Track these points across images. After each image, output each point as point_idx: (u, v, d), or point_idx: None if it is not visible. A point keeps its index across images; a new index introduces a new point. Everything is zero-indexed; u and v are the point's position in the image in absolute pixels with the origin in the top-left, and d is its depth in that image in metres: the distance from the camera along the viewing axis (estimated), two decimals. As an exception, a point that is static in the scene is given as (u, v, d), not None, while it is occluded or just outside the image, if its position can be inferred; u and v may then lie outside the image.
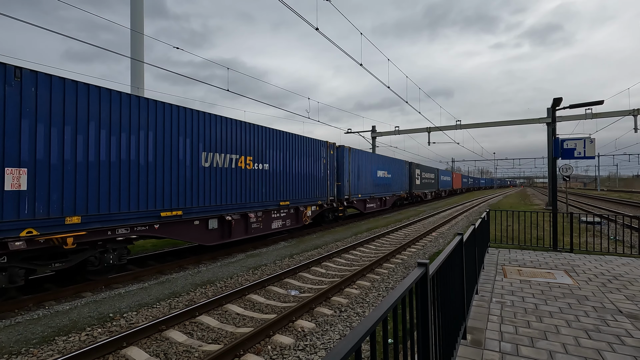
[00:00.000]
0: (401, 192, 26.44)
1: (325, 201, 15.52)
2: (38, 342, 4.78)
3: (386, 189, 23.22)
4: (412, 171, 29.47)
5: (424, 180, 33.29)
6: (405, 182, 27.63)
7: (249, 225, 10.96)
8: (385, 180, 23.02)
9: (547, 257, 7.94)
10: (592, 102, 9.10)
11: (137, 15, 15.09)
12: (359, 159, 18.95)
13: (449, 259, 2.81)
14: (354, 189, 18.17)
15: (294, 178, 13.26)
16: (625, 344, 3.71)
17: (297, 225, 13.50)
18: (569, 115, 24.52)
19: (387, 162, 23.66)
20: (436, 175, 39.71)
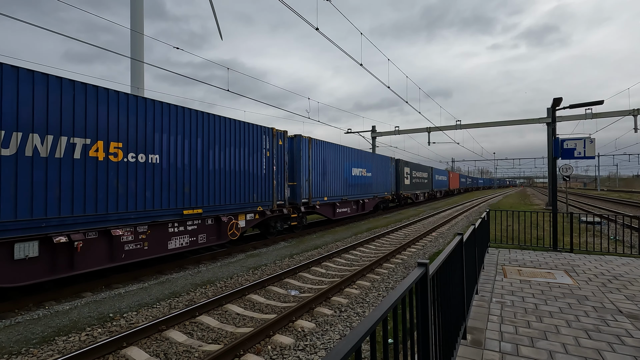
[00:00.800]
0: (385, 193, 23.01)
1: (270, 207, 12.01)
2: (38, 342, 4.78)
3: (365, 190, 19.85)
4: (400, 169, 26.03)
5: (415, 180, 29.91)
6: (391, 182, 24.13)
7: (116, 247, 7.41)
8: (363, 179, 19.65)
9: (547, 257, 7.94)
10: (592, 102, 9.10)
11: (137, 15, 15.09)
12: (325, 154, 15.68)
13: (449, 259, 2.81)
14: (317, 190, 14.96)
15: (211, 176, 9.69)
16: (625, 344, 3.71)
17: (220, 240, 10.01)
18: (569, 115, 24.52)
19: (365, 159, 20.03)
20: (430, 174, 36.39)
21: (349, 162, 18.03)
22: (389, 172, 23.86)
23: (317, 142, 14.97)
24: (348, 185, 17.83)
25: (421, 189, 32.35)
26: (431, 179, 36.76)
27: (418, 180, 31.18)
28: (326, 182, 15.70)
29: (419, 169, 31.90)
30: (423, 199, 33.52)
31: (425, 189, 33.78)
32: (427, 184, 34.96)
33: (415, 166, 30.51)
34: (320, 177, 15.27)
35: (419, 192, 31.59)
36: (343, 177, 17.30)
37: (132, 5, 15.01)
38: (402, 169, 26.57)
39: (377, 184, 21.60)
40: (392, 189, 24.65)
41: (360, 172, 19.35)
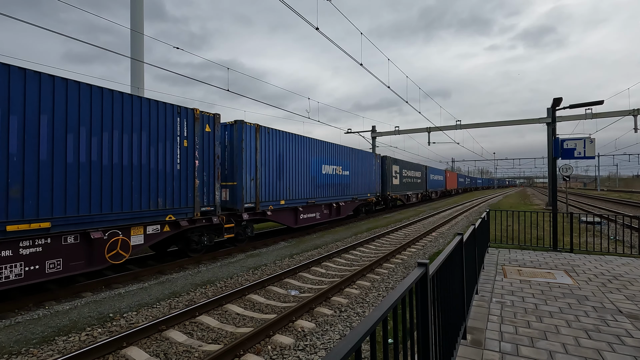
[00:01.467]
0: (368, 195, 20.16)
1: (191, 215, 9.02)
2: (38, 342, 4.78)
3: (340, 192, 16.93)
4: (387, 168, 23.12)
5: (406, 180, 27.37)
6: (375, 182, 21.28)
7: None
8: (338, 179, 16.75)
9: (547, 257, 7.94)
10: (592, 102, 9.10)
11: (137, 15, 15.09)
12: (283, 146, 12.77)
13: (449, 259, 2.81)
14: (270, 192, 12.15)
15: (73, 172, 6.64)
16: (625, 344, 3.71)
17: (92, 267, 7.01)
18: (569, 115, 24.53)
19: (341, 154, 17.19)
20: (424, 173, 33.40)
21: (318, 158, 15.21)
22: (372, 171, 20.95)
23: (270, 132, 12.09)
24: (316, 186, 14.94)
25: (413, 189, 29.62)
26: (425, 179, 34.07)
27: (410, 180, 28.55)
28: (284, 182, 12.89)
29: (411, 167, 29.24)
30: (416, 200, 30.64)
31: (418, 190, 31.07)
32: (421, 184, 32.20)
33: (407, 164, 27.89)
34: (275, 176, 12.39)
35: (411, 193, 28.81)
36: (310, 176, 14.45)
37: (132, 5, 15.02)
38: (390, 167, 23.67)
39: (356, 184, 18.72)
40: (377, 189, 21.76)
41: (334, 170, 16.38)
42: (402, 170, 26.69)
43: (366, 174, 20.15)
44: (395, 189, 25.01)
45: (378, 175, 22.03)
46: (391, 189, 23.95)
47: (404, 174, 27.19)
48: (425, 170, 33.96)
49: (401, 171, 26.38)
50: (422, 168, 32.97)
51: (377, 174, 21.92)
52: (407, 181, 28.03)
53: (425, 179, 33.84)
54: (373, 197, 21.04)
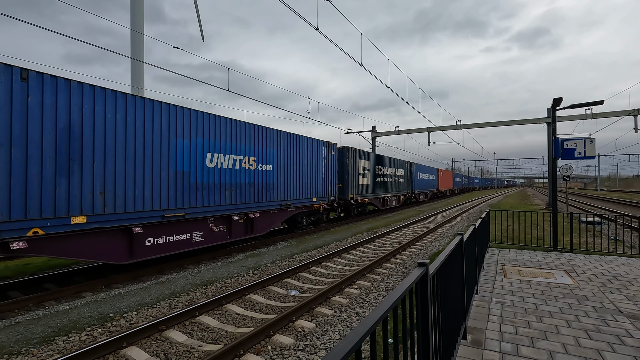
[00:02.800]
0: (314, 199, 14.60)
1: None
2: (38, 342, 4.78)
3: (256, 196, 11.35)
4: (350, 163, 17.92)
5: (381, 180, 22.35)
6: (327, 182, 15.67)
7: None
8: (248, 176, 11.05)
9: (547, 257, 7.94)
10: (592, 102, 9.10)
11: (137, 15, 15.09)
12: (116, 115, 7.39)
13: (449, 259, 2.81)
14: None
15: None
16: (625, 344, 3.71)
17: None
18: (569, 116, 24.53)
19: (256, 139, 11.43)
20: (408, 171, 28.40)
21: (204, 142, 9.48)
22: (322, 167, 15.24)
23: (97, 91, 7.05)
24: (187, 188, 8.99)
25: (393, 190, 24.58)
26: (410, 178, 29.14)
27: (387, 180, 23.48)
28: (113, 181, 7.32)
29: (389, 164, 24.06)
30: (396, 204, 25.61)
31: (399, 191, 26.09)
32: (404, 184, 27.20)
33: (382, 160, 22.77)
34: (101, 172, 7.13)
35: (389, 195, 23.62)
36: (168, 172, 8.49)
37: (132, 5, 15.02)
38: (354, 162, 18.44)
39: (290, 184, 13.07)
40: (331, 192, 16.07)
41: (241, 162, 10.70)
42: (375, 167, 21.40)
43: (310, 171, 14.36)
44: (364, 191, 19.57)
45: (332, 173, 16.19)
46: (356, 190, 18.44)
47: (378, 171, 21.96)
48: (410, 168, 29.09)
49: (373, 168, 21.04)
50: (406, 165, 28.07)
51: (331, 170, 16.09)
52: (384, 181, 22.87)
53: (410, 178, 29.05)
54: (323, 202, 15.29)
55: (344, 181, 17.85)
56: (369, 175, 20.55)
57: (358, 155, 19.11)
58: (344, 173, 17.90)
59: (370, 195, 20.65)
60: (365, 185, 20.00)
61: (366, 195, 20.04)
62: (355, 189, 18.49)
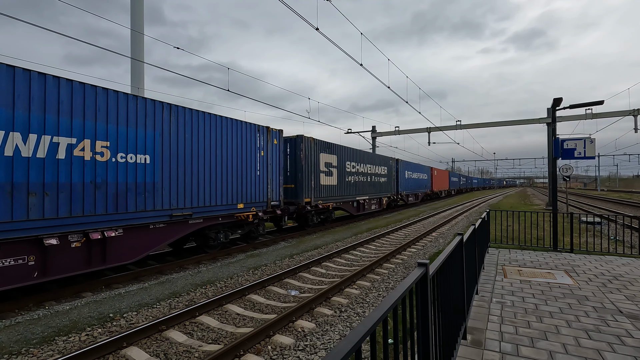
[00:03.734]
0: (240, 205, 10.70)
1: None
2: (38, 342, 4.78)
3: (125, 201, 7.56)
4: (309, 157, 14.29)
5: (355, 179, 18.44)
6: (266, 181, 11.78)
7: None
8: (111, 173, 7.34)
9: (547, 257, 7.94)
10: (592, 102, 9.11)
11: (137, 15, 15.10)
12: None
13: (449, 259, 2.81)
14: None
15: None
16: (625, 344, 3.71)
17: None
18: (569, 116, 24.54)
19: (127, 112, 7.63)
20: (392, 169, 24.51)
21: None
22: (255, 160, 11.36)
23: None
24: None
25: (372, 192, 20.66)
26: (396, 177, 25.39)
27: (364, 179, 19.66)
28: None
29: (366, 160, 20.16)
30: (376, 207, 21.59)
31: (381, 192, 22.19)
32: (387, 185, 23.32)
33: (356, 156, 18.84)
34: None
35: (367, 197, 19.76)
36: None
37: (132, 5, 15.02)
38: (314, 157, 14.56)
39: (190, 185, 9.15)
40: (273, 194, 12.13)
41: (72, 149, 6.73)
42: (346, 164, 17.62)
43: (233, 166, 10.45)
44: (328, 193, 15.79)
45: (275, 170, 12.15)
46: (316, 193, 14.65)
47: (350, 169, 18.09)
48: (395, 166, 25.24)
49: (342, 165, 17.20)
50: (390, 162, 24.23)
51: (273, 166, 12.12)
52: (358, 180, 19.00)
53: (395, 178, 25.23)
54: (258, 209, 11.42)
55: (297, 181, 13.92)
56: (337, 174, 16.63)
57: (319, 148, 15.06)
58: (297, 170, 13.93)
59: (338, 198, 16.59)
60: (331, 186, 15.99)
61: (332, 198, 16.07)
62: (314, 190, 14.55)
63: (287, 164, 14.33)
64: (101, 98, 7.20)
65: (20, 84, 6.01)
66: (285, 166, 14.19)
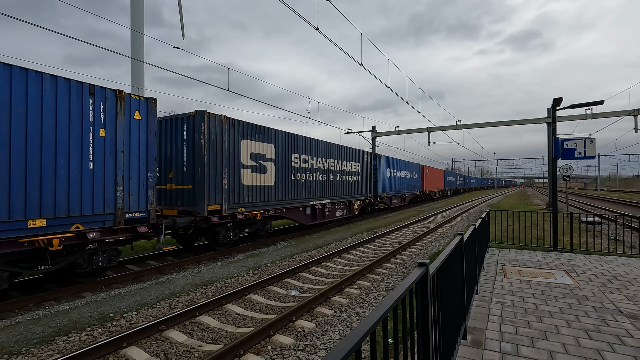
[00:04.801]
0: (37, 223, 6.12)
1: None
2: (38, 342, 4.78)
3: None
4: (221, 144, 10.19)
5: (305, 176, 14.16)
6: (113, 179, 7.30)
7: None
8: None
9: (547, 257, 7.94)
10: (593, 102, 9.11)
11: (137, 15, 15.09)
12: None
13: (449, 259, 2.81)
14: None
15: None
16: (625, 344, 3.71)
17: None
18: (569, 116, 24.54)
19: None
20: (368, 166, 20.28)
21: None
22: (88, 144, 6.97)
23: None
24: None
25: (338, 194, 16.67)
26: (373, 176, 21.06)
27: (321, 178, 15.34)
28: None
29: (328, 153, 15.97)
30: (346, 213, 17.60)
31: (351, 195, 18.00)
32: (360, 185, 19.16)
33: (308, 147, 14.44)
34: None
35: (327, 201, 15.65)
36: None
37: (132, 5, 15.03)
38: (232, 144, 10.60)
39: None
40: (119, 202, 7.41)
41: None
42: (291, 157, 13.30)
43: (31, 153, 6.19)
44: (259, 197, 11.54)
45: (138, 161, 7.84)
46: (234, 197, 10.57)
47: (301, 163, 13.90)
48: (372, 162, 20.89)
49: (284, 158, 12.91)
50: (364, 158, 19.85)
51: (138, 155, 7.89)
52: (313, 179, 14.80)
53: (372, 177, 20.94)
54: (94, 227, 7.09)
55: (196, 180, 9.64)
56: (274, 170, 12.26)
57: (240, 132, 10.83)
58: (195, 164, 9.68)
59: (276, 204, 12.32)
60: (263, 187, 11.68)
61: (264, 204, 11.73)
62: (230, 193, 10.38)
63: (175, 153, 10.12)
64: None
65: None
66: (173, 156, 10.17)
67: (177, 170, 10.14)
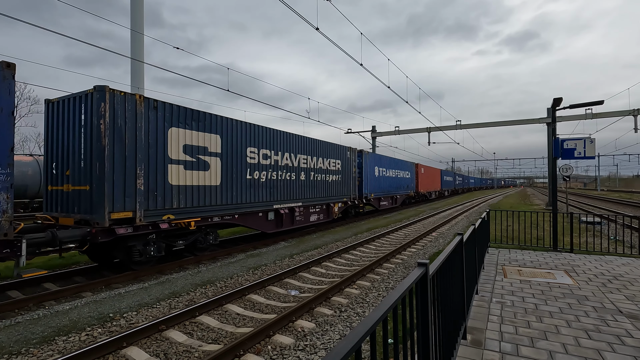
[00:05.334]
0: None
1: None
2: (38, 342, 4.78)
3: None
4: (132, 131, 7.61)
5: (267, 174, 11.82)
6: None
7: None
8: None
9: (547, 257, 7.94)
10: (593, 102, 9.10)
11: (137, 15, 15.10)
12: None
13: (449, 259, 2.81)
14: None
15: None
16: (625, 344, 3.71)
17: None
18: (568, 116, 24.54)
19: None
20: (350, 164, 17.75)
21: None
22: None
23: None
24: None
25: (310, 196, 14.36)
26: (357, 175, 18.64)
27: (289, 177, 13.05)
28: None
29: (294, 148, 13.37)
30: (323, 217, 15.47)
31: (329, 197, 15.76)
32: (341, 185, 16.83)
33: (271, 140, 12.12)
34: None
35: (297, 204, 13.47)
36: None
37: (132, 5, 15.02)
38: (154, 132, 8.13)
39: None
40: None
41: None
42: (245, 151, 11.01)
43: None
44: (197, 200, 9.29)
45: None
46: (156, 201, 8.17)
47: (260, 159, 11.60)
48: (355, 159, 18.44)
49: (236, 152, 10.64)
50: (346, 154, 17.36)
51: None
52: (281, 178, 12.59)
53: (356, 176, 18.52)
54: None
55: (94, 178, 7.30)
56: (220, 166, 10.01)
57: (168, 118, 8.48)
58: (92, 158, 7.39)
59: (222, 209, 10.03)
60: (204, 187, 9.44)
61: (205, 209, 9.44)
62: (151, 198, 8.09)
63: (72, 145, 7.70)
64: None
65: None
66: (70, 149, 7.75)
67: (74, 167, 7.65)
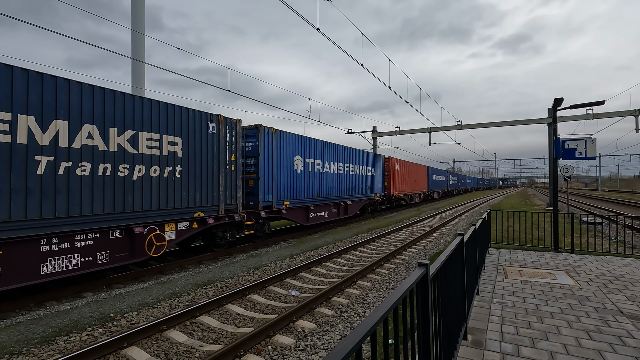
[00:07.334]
0: None
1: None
2: (39, 342, 4.79)
3: None
4: None
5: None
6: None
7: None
8: None
9: (548, 258, 7.93)
10: (593, 103, 9.10)
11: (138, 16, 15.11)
12: None
13: (450, 259, 2.81)
14: None
15: None
16: (626, 344, 3.71)
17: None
18: (569, 116, 24.52)
19: None
20: (222, 148, 9.77)
21: None
22: None
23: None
24: None
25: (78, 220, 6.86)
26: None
27: (129, 170, 7.09)
28: None
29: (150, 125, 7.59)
30: (177, 236, 8.67)
31: (140, 215, 7.69)
32: (169, 188, 8.32)
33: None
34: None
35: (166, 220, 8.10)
36: None
37: (133, 6, 15.04)
38: None
39: None
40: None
41: None
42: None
43: None
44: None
45: None
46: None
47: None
48: (226, 138, 9.96)
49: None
50: (196, 126, 9.06)
51: None
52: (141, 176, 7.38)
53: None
54: None
55: None
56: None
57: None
58: None
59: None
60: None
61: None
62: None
63: None
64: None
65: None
66: None
67: None
